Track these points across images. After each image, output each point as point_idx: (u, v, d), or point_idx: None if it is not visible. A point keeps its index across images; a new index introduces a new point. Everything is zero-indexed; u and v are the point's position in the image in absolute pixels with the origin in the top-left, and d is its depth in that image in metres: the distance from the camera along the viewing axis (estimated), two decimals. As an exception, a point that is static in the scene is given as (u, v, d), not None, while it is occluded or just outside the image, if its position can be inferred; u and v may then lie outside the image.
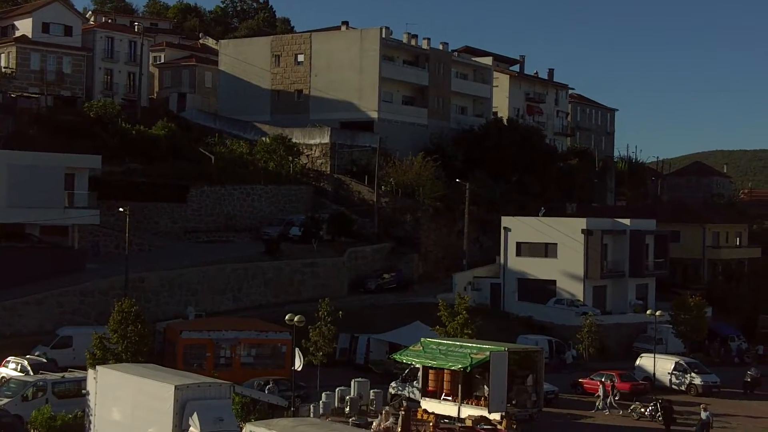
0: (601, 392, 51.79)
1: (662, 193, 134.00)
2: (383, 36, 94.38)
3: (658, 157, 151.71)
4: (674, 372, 59.22)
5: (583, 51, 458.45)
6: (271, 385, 45.67)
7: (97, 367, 38.75)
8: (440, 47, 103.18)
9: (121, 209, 59.03)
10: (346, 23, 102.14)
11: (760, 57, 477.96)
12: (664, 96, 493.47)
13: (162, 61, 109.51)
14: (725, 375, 61.25)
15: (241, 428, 33.26)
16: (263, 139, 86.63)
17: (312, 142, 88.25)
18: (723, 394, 57.73)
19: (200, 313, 60.70)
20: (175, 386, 33.63)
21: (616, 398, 51.91)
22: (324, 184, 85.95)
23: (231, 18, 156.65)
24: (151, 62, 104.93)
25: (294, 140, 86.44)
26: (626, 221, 78.91)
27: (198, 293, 63.36)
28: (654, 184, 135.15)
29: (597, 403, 51.17)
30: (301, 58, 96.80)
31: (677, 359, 60.60)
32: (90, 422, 37.39)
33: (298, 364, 45.89)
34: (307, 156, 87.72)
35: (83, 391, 39.34)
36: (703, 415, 44.27)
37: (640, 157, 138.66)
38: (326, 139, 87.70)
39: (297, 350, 46.37)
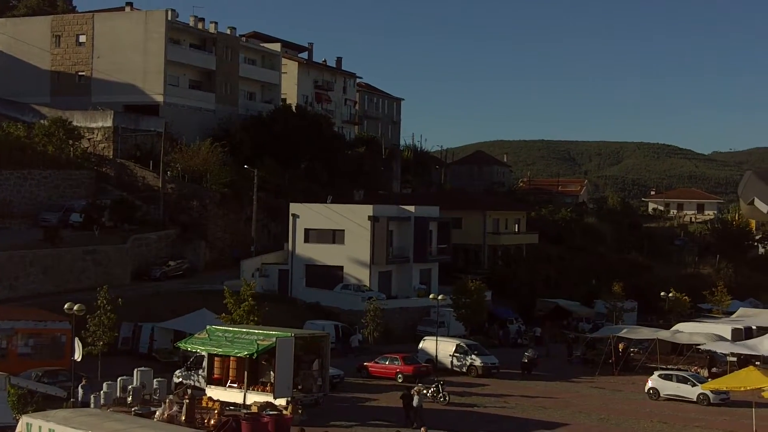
0: None
1: (446, 181, 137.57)
2: (169, 18, 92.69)
3: (442, 147, 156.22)
4: (455, 354, 60.76)
5: (370, 40, 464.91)
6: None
7: None
8: (228, 32, 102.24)
9: None
10: (130, 4, 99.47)
11: (540, 51, 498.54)
12: (447, 87, 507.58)
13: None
14: (504, 356, 63.42)
15: (17, 420, 31.92)
16: (42, 122, 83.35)
17: (94, 125, 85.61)
18: (502, 375, 59.69)
19: (-27, 302, 57.90)
20: (-56, 379, 31.98)
21: None
22: (106, 169, 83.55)
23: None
24: None
25: (75, 123, 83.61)
26: (411, 208, 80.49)
27: (-29, 282, 60.37)
28: (438, 173, 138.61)
29: None
30: (82, 38, 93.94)
31: (458, 342, 62.21)
32: None
33: (78, 354, 44.53)
34: (89, 140, 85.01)
35: None
36: (416, 400, 44.00)
37: (425, 146, 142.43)
38: (109, 123, 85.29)
39: (77, 340, 44.96)
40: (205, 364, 47.42)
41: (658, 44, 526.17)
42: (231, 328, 48.05)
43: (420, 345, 62.47)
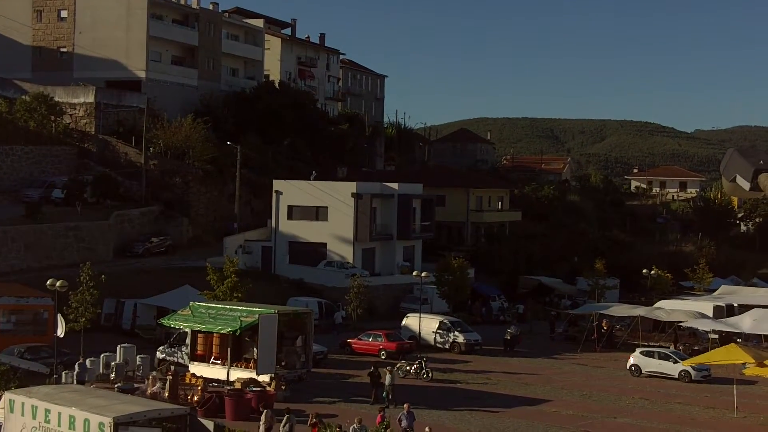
0: None
1: (429, 158, 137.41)
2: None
3: (425, 124, 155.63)
4: (438, 331, 60.76)
5: (353, 17, 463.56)
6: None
7: None
8: (210, 7, 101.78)
9: None
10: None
11: (524, 29, 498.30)
12: (431, 64, 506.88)
13: None
14: (487, 333, 63.58)
15: (0, 397, 31.83)
16: (23, 97, 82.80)
17: (76, 101, 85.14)
18: (484, 352, 59.82)
19: (-46, 278, 57.61)
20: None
21: None
22: (88, 145, 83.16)
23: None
24: None
25: (57, 99, 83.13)
26: (394, 185, 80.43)
27: (-48, 258, 60.07)
28: (421, 150, 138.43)
29: None
30: (64, 14, 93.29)
31: (441, 319, 62.25)
32: None
33: (60, 331, 44.41)
34: (71, 116, 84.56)
35: None
36: (388, 378, 43.23)
37: (408, 124, 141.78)
38: (91, 99, 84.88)
39: (59, 316, 44.82)
40: (188, 340, 47.37)
41: (642, 22, 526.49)
42: (214, 305, 48.03)
43: (403, 322, 62.42)
